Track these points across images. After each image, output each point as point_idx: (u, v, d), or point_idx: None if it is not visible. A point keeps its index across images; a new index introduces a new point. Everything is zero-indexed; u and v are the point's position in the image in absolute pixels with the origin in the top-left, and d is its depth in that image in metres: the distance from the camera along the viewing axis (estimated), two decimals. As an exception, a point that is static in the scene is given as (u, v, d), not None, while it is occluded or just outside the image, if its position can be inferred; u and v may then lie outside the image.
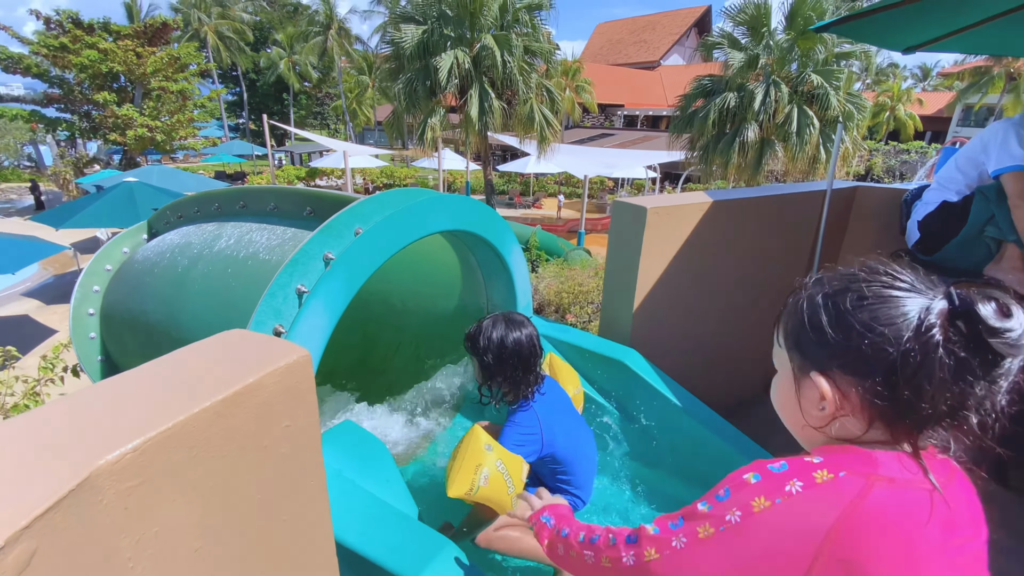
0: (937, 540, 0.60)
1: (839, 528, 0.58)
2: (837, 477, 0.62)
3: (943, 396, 0.59)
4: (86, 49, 18.83)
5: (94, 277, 2.84)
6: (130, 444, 0.60)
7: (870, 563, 0.58)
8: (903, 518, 0.59)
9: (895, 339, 0.60)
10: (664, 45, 38.56)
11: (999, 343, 0.56)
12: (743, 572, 0.63)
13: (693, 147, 13.47)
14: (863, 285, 0.65)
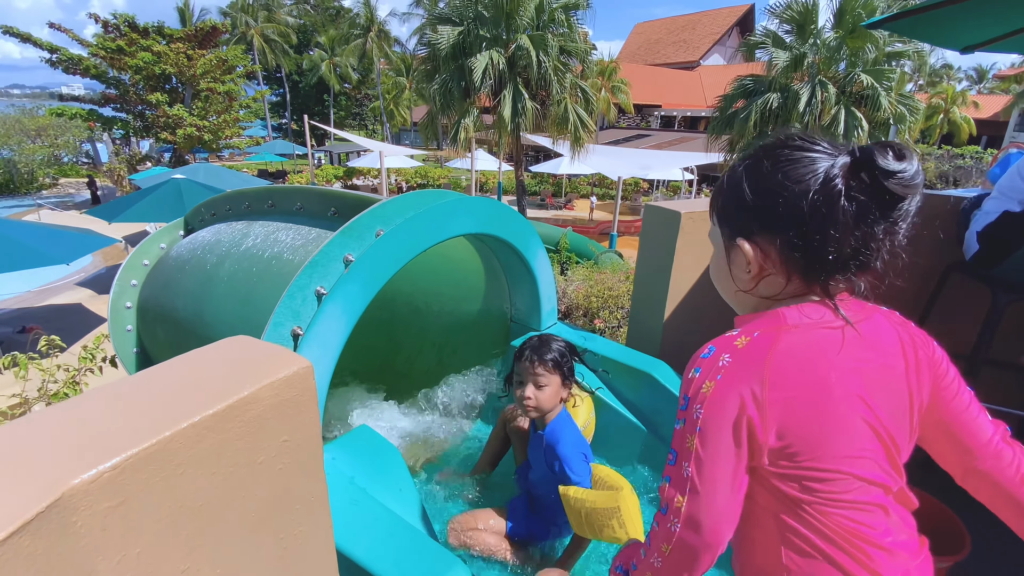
0: (850, 364, 0.71)
1: (764, 376, 0.69)
2: (753, 338, 0.72)
3: (848, 240, 0.67)
4: (141, 52, 19.76)
5: (132, 271, 2.92)
6: (108, 462, 0.57)
7: (795, 393, 0.69)
8: (813, 353, 0.71)
9: (804, 193, 0.68)
10: (704, 45, 37.68)
11: (894, 184, 0.64)
12: (733, 443, 0.70)
13: (732, 149, 13.07)
14: (778, 151, 0.72)
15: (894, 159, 0.64)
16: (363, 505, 1.32)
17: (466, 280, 2.58)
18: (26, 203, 20.00)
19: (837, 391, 0.70)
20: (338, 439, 1.56)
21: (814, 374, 0.70)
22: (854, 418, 0.71)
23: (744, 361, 0.71)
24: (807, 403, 0.70)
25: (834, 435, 0.70)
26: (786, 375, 0.69)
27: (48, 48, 19.54)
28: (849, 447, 0.71)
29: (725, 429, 0.70)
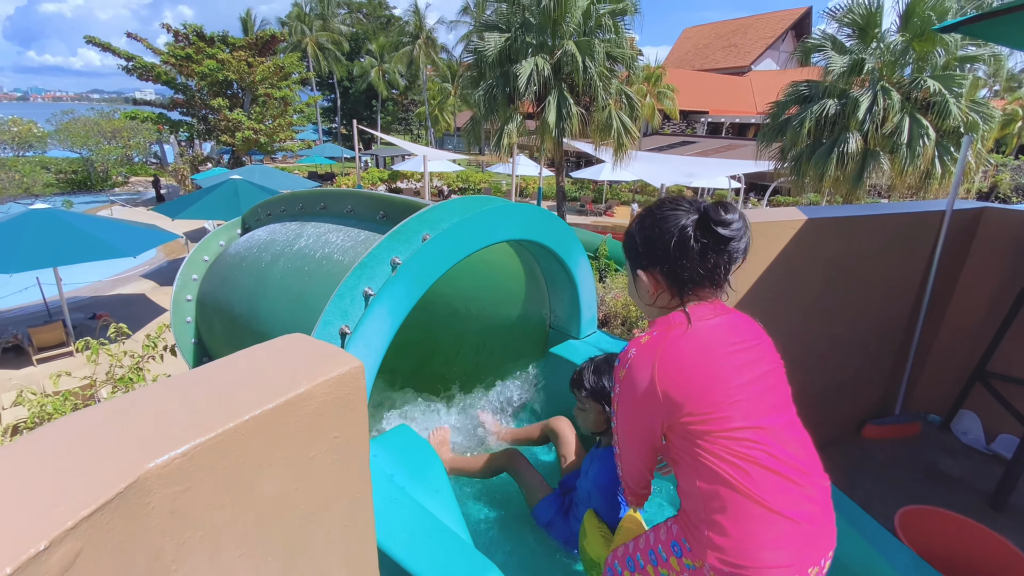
0: (725, 348, 1.02)
1: (656, 359, 1.00)
2: (652, 336, 1.04)
3: (700, 267, 1.02)
4: (207, 59, 20.95)
5: (193, 266, 3.09)
6: (179, 449, 0.61)
7: (682, 366, 0.99)
8: (696, 338, 1.01)
9: (670, 240, 1.02)
10: (756, 49, 36.56)
11: (723, 230, 0.98)
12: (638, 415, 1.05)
13: (784, 157, 12.60)
14: (656, 211, 1.07)
15: (724, 214, 0.99)
16: (401, 503, 1.35)
17: (505, 284, 2.59)
18: (100, 199, 21.54)
19: (715, 360, 1.00)
20: (378, 437, 1.60)
21: (697, 350, 1.00)
22: (730, 375, 1.00)
23: (644, 351, 1.02)
24: (693, 370, 0.99)
25: (716, 388, 0.99)
26: (673, 356, 1.00)
27: (124, 56, 21.02)
28: (728, 395, 0.99)
29: (634, 401, 1.03)
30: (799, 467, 1.02)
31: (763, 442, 0.99)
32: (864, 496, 2.77)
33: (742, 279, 2.22)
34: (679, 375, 0.98)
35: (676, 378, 0.98)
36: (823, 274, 2.50)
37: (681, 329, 1.01)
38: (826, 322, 2.64)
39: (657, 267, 1.06)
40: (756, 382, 1.03)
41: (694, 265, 1.01)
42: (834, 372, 2.84)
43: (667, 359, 0.99)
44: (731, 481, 0.96)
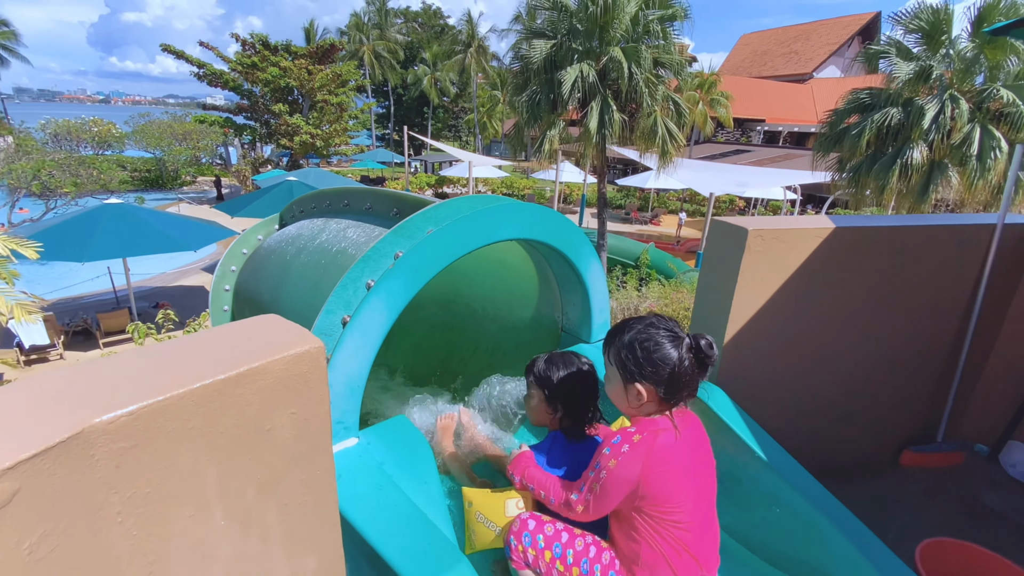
0: (691, 454, 1.29)
1: (646, 465, 1.22)
2: (643, 436, 1.25)
3: (689, 387, 1.29)
4: (270, 67, 22.17)
5: (233, 259, 3.27)
6: (126, 408, 0.65)
7: (659, 472, 1.23)
8: (669, 447, 1.24)
9: (670, 366, 1.25)
10: (819, 56, 35.00)
11: (708, 360, 1.26)
12: (618, 495, 1.26)
13: (842, 168, 11.98)
14: (653, 333, 1.29)
15: (707, 348, 1.26)
16: (385, 491, 1.38)
17: (521, 286, 2.60)
18: (170, 197, 23.13)
19: (684, 466, 1.27)
20: (374, 426, 1.64)
21: (676, 458, 1.25)
22: (690, 480, 1.28)
23: (636, 450, 1.24)
24: (665, 475, 1.24)
25: (680, 490, 1.26)
26: (659, 461, 1.23)
27: (196, 63, 22.55)
28: (684, 495, 1.27)
29: (617, 487, 1.26)
30: (707, 554, 1.34)
31: (692, 532, 1.29)
32: (898, 527, 2.58)
33: (757, 290, 2.13)
34: (659, 478, 1.23)
35: (656, 479, 1.23)
36: (856, 288, 2.36)
37: (669, 436, 1.25)
38: (860, 339, 2.49)
39: (654, 384, 1.27)
40: (701, 483, 1.33)
41: (686, 384, 1.27)
42: (869, 393, 2.67)
43: (653, 463, 1.23)
44: (666, 556, 1.27)
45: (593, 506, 1.29)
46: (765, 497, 1.83)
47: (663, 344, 1.26)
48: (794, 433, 2.43)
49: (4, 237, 5.66)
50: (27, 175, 14.73)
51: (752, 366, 2.26)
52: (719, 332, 2.18)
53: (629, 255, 13.13)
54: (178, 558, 0.76)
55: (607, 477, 1.25)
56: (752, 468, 1.85)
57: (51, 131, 20.36)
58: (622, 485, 1.24)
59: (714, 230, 2.17)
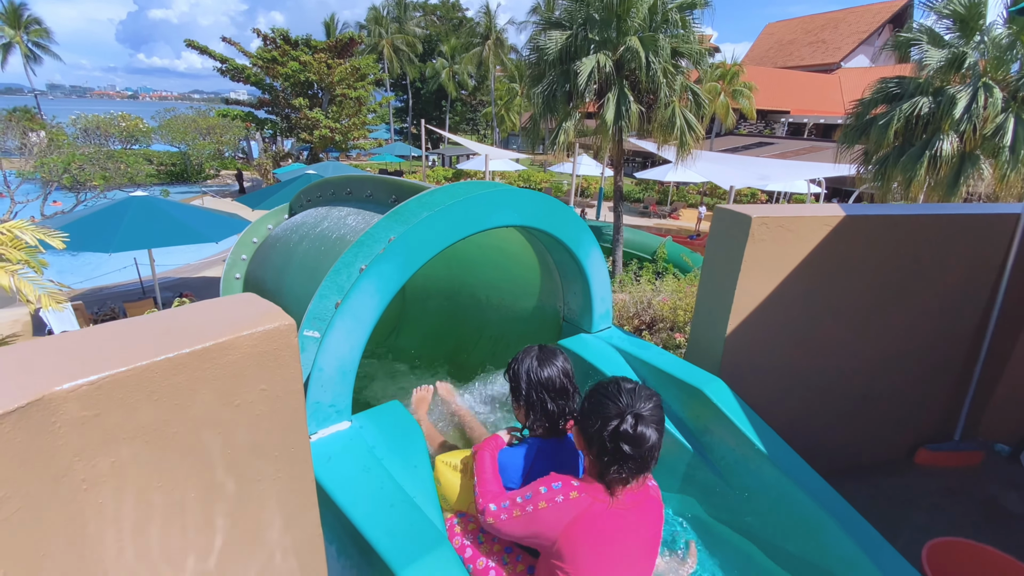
0: (623, 530, 1.24)
1: (575, 519, 1.20)
2: (580, 496, 1.22)
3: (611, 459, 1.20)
4: (291, 61, 22.42)
5: (243, 247, 3.32)
6: (87, 378, 0.66)
7: (582, 541, 1.20)
8: (602, 517, 1.22)
9: (599, 427, 1.21)
10: (847, 45, 33.93)
11: (625, 444, 1.18)
12: (531, 535, 1.26)
13: (867, 160, 11.62)
14: (600, 391, 1.28)
15: (632, 428, 1.18)
16: (373, 473, 1.39)
17: (523, 276, 2.59)
18: (194, 190, 23.65)
19: (607, 541, 1.22)
20: (367, 411, 1.65)
21: (598, 530, 1.21)
22: (611, 559, 1.23)
23: (568, 506, 1.22)
24: (587, 546, 1.21)
25: (596, 565, 1.22)
26: (581, 529, 1.21)
27: (219, 59, 22.93)
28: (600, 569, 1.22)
29: (532, 528, 1.25)
30: None
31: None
32: (910, 528, 2.51)
33: (762, 279, 2.08)
34: (580, 546, 1.20)
35: (575, 546, 1.20)
36: (869, 279, 2.29)
37: (603, 506, 1.22)
38: (873, 333, 2.42)
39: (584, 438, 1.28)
40: (633, 566, 1.27)
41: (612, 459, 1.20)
42: (883, 389, 2.60)
43: (578, 530, 1.20)
44: None
45: (503, 528, 1.28)
46: (765, 491, 1.79)
47: (604, 403, 1.22)
48: (802, 429, 2.37)
49: (32, 227, 5.85)
50: (58, 168, 15.20)
51: (757, 358, 2.21)
52: (720, 325, 2.13)
53: (645, 249, 12.97)
54: (148, 529, 0.77)
55: (531, 514, 1.24)
56: (752, 462, 1.81)
57: (81, 126, 20.97)
58: (538, 530, 1.23)
59: (718, 218, 2.12)
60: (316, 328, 1.54)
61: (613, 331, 2.36)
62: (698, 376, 2.01)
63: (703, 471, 1.93)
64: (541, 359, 1.54)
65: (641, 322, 7.02)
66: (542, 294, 2.54)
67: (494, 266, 2.79)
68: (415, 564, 1.11)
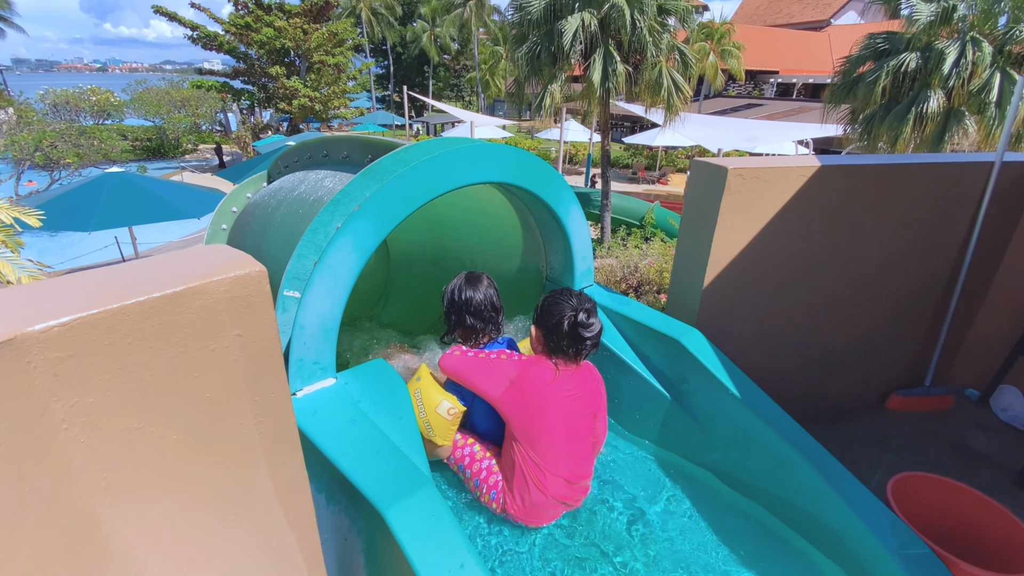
0: (558, 389, 1.61)
1: (523, 371, 1.61)
2: (529, 359, 1.68)
3: (568, 342, 1.61)
4: (264, 27, 21.57)
5: (223, 217, 3.28)
6: (58, 320, 0.68)
7: (525, 392, 1.59)
8: (541, 377, 1.61)
9: (558, 320, 1.61)
10: (838, 1, 33.28)
11: (582, 329, 1.59)
12: (485, 379, 1.64)
13: (854, 119, 11.57)
14: (556, 296, 1.67)
15: (585, 319, 1.59)
16: (359, 424, 1.43)
17: (506, 238, 2.60)
18: (172, 165, 23.03)
19: (546, 399, 1.59)
20: (352, 368, 1.68)
21: (538, 387, 1.60)
22: (551, 415, 1.59)
23: (518, 363, 1.66)
24: (529, 399, 1.59)
25: (538, 419, 1.59)
26: (526, 382, 1.61)
27: (190, 26, 21.98)
28: (542, 425, 1.58)
29: (492, 369, 1.66)
30: (556, 487, 1.60)
31: (549, 467, 1.58)
32: (881, 469, 2.63)
33: (738, 231, 2.11)
34: (524, 398, 1.59)
35: (520, 398, 1.59)
36: (844, 229, 2.33)
37: (543, 370, 1.62)
38: (847, 282, 2.48)
39: (544, 332, 1.67)
40: (572, 425, 1.63)
41: (567, 340, 1.61)
42: (857, 337, 2.68)
43: (524, 382, 1.60)
44: (527, 482, 1.58)
45: (461, 363, 1.67)
46: (739, 435, 1.87)
47: (560, 302, 1.63)
48: (777, 377, 2.45)
49: (7, 206, 5.71)
50: (29, 147, 14.70)
51: (733, 309, 2.27)
52: (698, 277, 2.17)
53: (634, 215, 12.97)
54: (132, 468, 0.80)
55: (491, 362, 1.66)
56: (726, 406, 1.88)
57: (50, 101, 20.17)
58: (493, 374, 1.62)
59: (695, 171, 2.13)
60: (296, 288, 1.55)
61: (595, 288, 2.39)
62: (676, 327, 2.06)
63: (681, 418, 2.01)
64: (466, 283, 1.91)
65: (628, 286, 7.09)
66: (524, 254, 2.56)
67: (477, 229, 2.79)
68: (400, 504, 1.16)
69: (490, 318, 1.87)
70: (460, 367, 1.66)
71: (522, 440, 1.58)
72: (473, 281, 1.91)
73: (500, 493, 1.63)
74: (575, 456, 1.62)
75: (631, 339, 2.17)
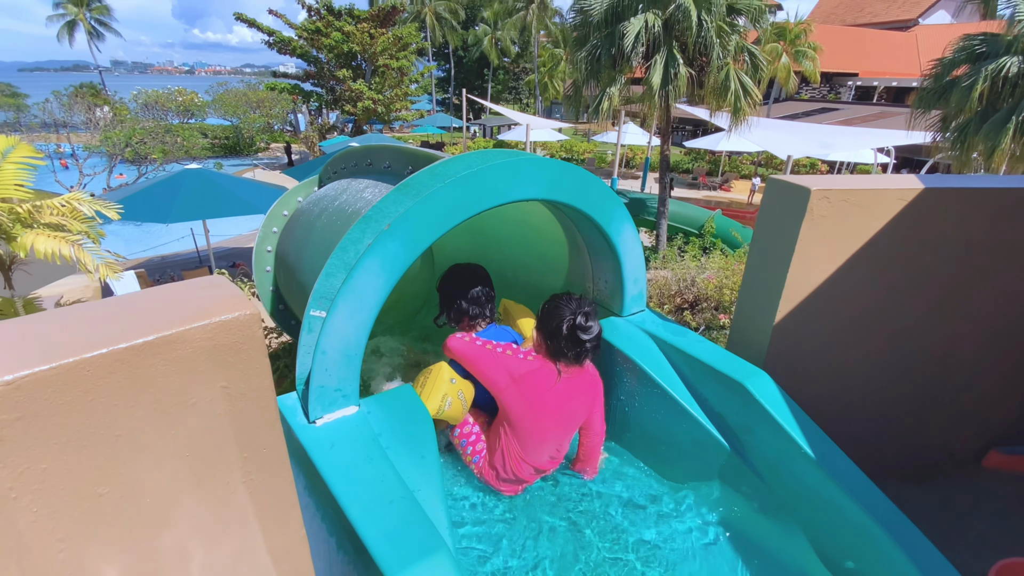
0: (558, 393, 1.71)
1: (528, 372, 1.69)
2: (537, 359, 1.73)
3: (568, 345, 1.68)
4: (334, 32, 22.43)
5: (274, 220, 3.30)
6: (3, 377, 0.58)
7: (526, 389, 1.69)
8: (543, 381, 1.70)
9: (557, 324, 1.68)
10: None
11: (580, 332, 1.66)
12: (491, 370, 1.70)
13: (945, 127, 10.53)
14: (556, 301, 1.74)
15: (584, 322, 1.66)
16: (375, 464, 1.31)
17: (550, 253, 2.43)
18: (246, 163, 24.43)
19: (541, 397, 1.69)
20: (376, 395, 1.57)
21: (536, 387, 1.69)
22: (544, 411, 1.70)
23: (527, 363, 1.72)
24: (525, 396, 1.68)
25: (529, 412, 1.69)
26: (527, 383, 1.68)
27: (267, 32, 23.21)
28: (533, 418, 1.70)
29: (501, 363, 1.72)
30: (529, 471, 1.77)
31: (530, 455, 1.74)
32: (976, 541, 2.26)
33: (819, 261, 1.84)
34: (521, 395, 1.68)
35: (522, 395, 1.68)
36: (945, 261, 2.00)
37: (545, 374, 1.70)
38: (945, 322, 2.13)
39: (542, 334, 1.76)
40: (560, 422, 1.74)
41: (565, 344, 1.68)
42: (952, 384, 2.31)
43: (528, 383, 1.69)
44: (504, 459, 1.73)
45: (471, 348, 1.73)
46: (808, 495, 1.61)
47: (560, 307, 1.70)
48: (855, 427, 2.15)
49: (89, 199, 6.13)
50: (120, 142, 15.97)
51: (808, 349, 1.99)
52: (769, 310, 1.91)
53: (693, 223, 12.40)
54: (95, 539, 0.70)
55: (499, 355, 1.71)
56: (796, 463, 1.63)
57: (142, 101, 21.87)
58: (499, 368, 1.69)
59: (770, 190, 1.88)
60: (322, 308, 1.46)
61: (647, 315, 2.18)
62: (741, 368, 1.82)
63: (741, 471, 1.76)
64: (462, 271, 2.05)
65: (683, 300, 6.68)
66: (570, 273, 2.38)
67: (522, 242, 2.64)
68: (407, 569, 1.02)
69: (484, 305, 2.01)
70: (468, 352, 1.72)
71: (512, 430, 1.70)
72: (468, 270, 2.04)
73: (482, 460, 1.79)
74: (555, 450, 1.78)
75: (687, 377, 1.94)
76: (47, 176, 15.10)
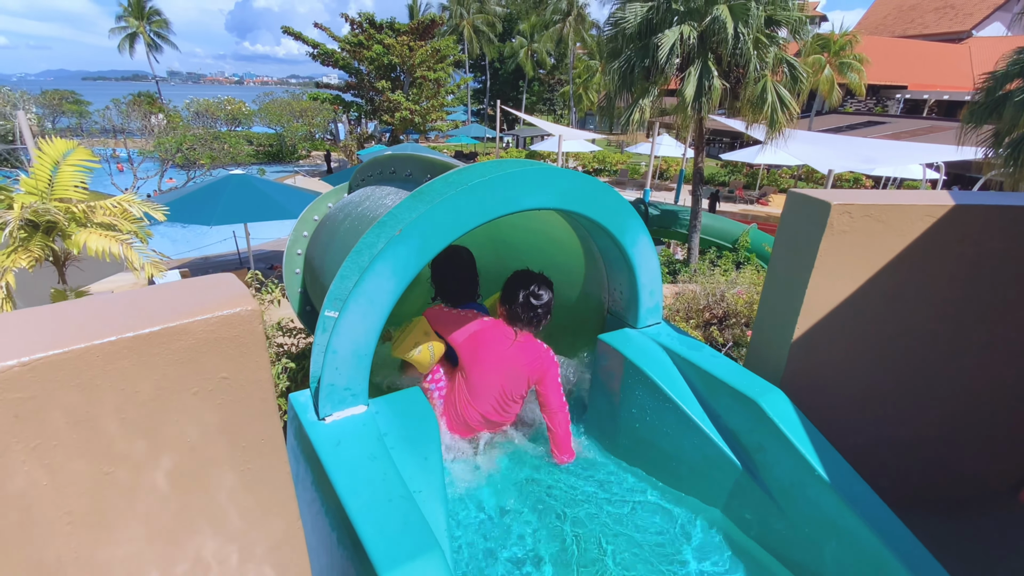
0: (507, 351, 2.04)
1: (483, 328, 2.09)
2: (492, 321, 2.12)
3: (523, 310, 2.06)
4: (375, 45, 23.15)
5: (304, 224, 3.42)
6: (16, 360, 0.63)
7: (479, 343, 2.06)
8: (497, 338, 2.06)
9: (514, 294, 2.07)
10: (981, 11, 29.35)
11: (533, 299, 2.05)
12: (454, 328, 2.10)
13: (998, 143, 10.02)
14: (516, 276, 2.12)
15: (536, 290, 2.05)
16: (378, 463, 1.34)
17: (567, 263, 2.44)
18: (288, 169, 25.35)
19: (488, 352, 2.02)
20: (385, 396, 1.61)
21: (485, 342, 2.03)
22: (488, 366, 2.02)
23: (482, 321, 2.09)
24: (475, 349, 2.03)
25: (475, 364, 2.03)
26: (479, 338, 2.04)
27: (312, 44, 24.14)
28: (478, 371, 2.02)
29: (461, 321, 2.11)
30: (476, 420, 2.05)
31: (473, 404, 2.03)
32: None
33: (840, 278, 1.78)
34: (472, 346, 2.02)
35: (475, 347, 2.01)
36: (978, 281, 1.90)
37: (499, 332, 2.05)
38: (978, 345, 2.03)
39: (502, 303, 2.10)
40: (499, 378, 2.01)
41: (522, 311, 2.03)
42: (986, 411, 2.19)
43: (481, 338, 2.03)
44: (457, 407, 2.05)
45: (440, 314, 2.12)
46: (822, 521, 1.55)
47: (519, 282, 2.04)
48: (876, 452, 2.06)
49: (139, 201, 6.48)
50: (172, 148, 16.85)
51: (827, 369, 1.92)
52: (787, 328, 1.86)
53: (726, 237, 12.14)
54: (100, 514, 0.75)
55: (463, 315, 2.09)
56: (810, 486, 1.57)
57: (194, 110, 23.07)
58: (459, 326, 2.05)
59: (790, 204, 1.84)
60: (336, 308, 1.51)
61: (662, 327, 2.15)
62: (755, 385, 1.77)
63: (753, 492, 1.71)
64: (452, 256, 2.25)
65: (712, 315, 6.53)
66: (587, 284, 2.38)
67: (540, 253, 2.66)
68: (399, 567, 1.04)
69: (469, 284, 2.27)
70: (439, 315, 2.10)
71: (464, 377, 2.03)
72: (458, 254, 2.28)
73: (444, 404, 2.09)
74: (498, 404, 2.03)
75: (699, 391, 1.91)
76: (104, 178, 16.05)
